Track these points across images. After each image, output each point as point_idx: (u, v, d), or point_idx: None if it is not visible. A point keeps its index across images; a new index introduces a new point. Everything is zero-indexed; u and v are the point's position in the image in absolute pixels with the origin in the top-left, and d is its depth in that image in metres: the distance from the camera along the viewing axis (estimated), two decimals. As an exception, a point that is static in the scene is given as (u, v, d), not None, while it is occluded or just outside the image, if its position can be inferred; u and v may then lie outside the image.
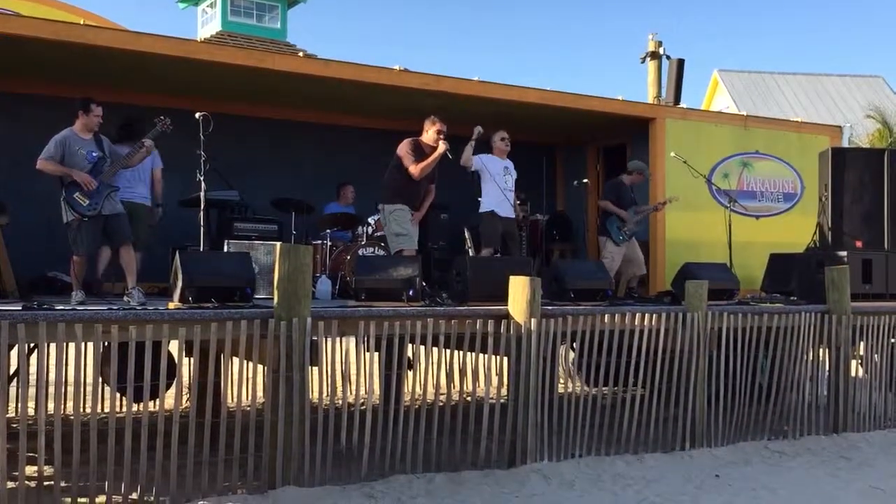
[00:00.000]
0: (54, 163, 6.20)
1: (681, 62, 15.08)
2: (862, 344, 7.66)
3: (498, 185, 7.92)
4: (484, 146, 8.12)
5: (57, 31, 6.87)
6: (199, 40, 18.00)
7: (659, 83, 16.28)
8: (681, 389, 6.62)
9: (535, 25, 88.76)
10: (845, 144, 11.05)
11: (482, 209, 8.05)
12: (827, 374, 7.46)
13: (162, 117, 6.60)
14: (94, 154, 6.31)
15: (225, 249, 7.29)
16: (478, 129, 7.73)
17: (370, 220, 8.65)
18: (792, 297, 7.94)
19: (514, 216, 8.21)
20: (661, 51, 16.41)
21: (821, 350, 7.44)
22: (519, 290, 5.92)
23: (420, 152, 7.40)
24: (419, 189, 7.55)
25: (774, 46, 66.16)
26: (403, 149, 7.43)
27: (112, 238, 6.42)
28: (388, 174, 7.51)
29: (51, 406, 5.12)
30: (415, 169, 7.32)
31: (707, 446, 6.69)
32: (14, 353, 4.98)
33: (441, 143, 7.35)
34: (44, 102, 8.05)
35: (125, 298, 6.12)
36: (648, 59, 16.61)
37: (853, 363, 7.56)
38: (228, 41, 17.77)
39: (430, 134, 7.47)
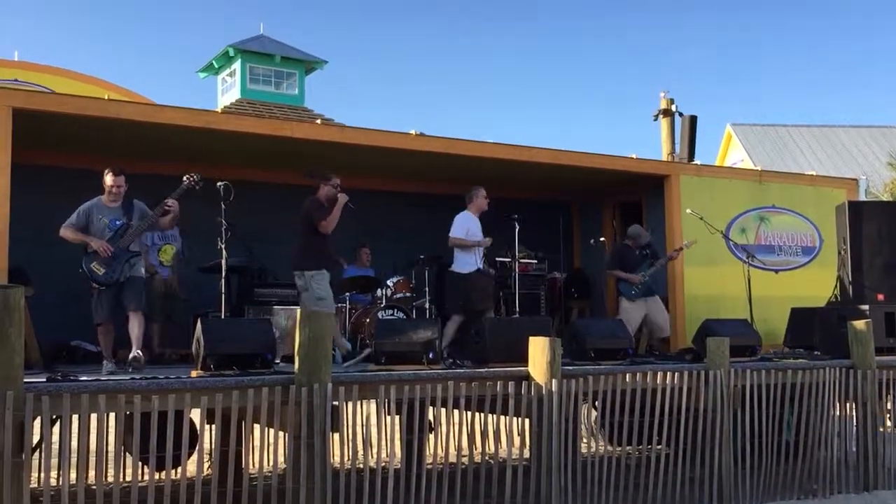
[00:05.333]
0: (73, 230, 6.22)
1: (693, 118, 15.22)
2: (889, 398, 7.54)
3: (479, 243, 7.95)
4: (462, 204, 8.14)
5: (81, 107, 7.06)
6: (219, 109, 18.40)
7: (672, 140, 16.39)
8: (706, 449, 6.53)
9: (550, 83, 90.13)
10: (862, 196, 11.02)
11: (466, 269, 7.92)
12: (855, 430, 7.34)
13: (192, 175, 6.54)
14: (117, 222, 6.29)
15: (245, 315, 7.35)
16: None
17: (388, 282, 8.70)
18: (815, 352, 7.86)
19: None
20: (673, 108, 16.56)
21: (847, 405, 7.33)
22: (539, 350, 5.90)
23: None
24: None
25: (787, 99, 66.61)
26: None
27: (122, 302, 6.26)
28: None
29: (73, 476, 5.12)
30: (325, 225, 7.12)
31: (735, 506, 6.57)
32: (37, 422, 5.00)
33: (340, 195, 7.19)
34: (68, 174, 8.23)
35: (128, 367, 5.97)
36: (661, 116, 16.76)
37: (884, 418, 7.44)
38: (248, 109, 18.14)
39: (325, 189, 7.30)
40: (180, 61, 73.66)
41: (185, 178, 6.52)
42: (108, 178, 6.34)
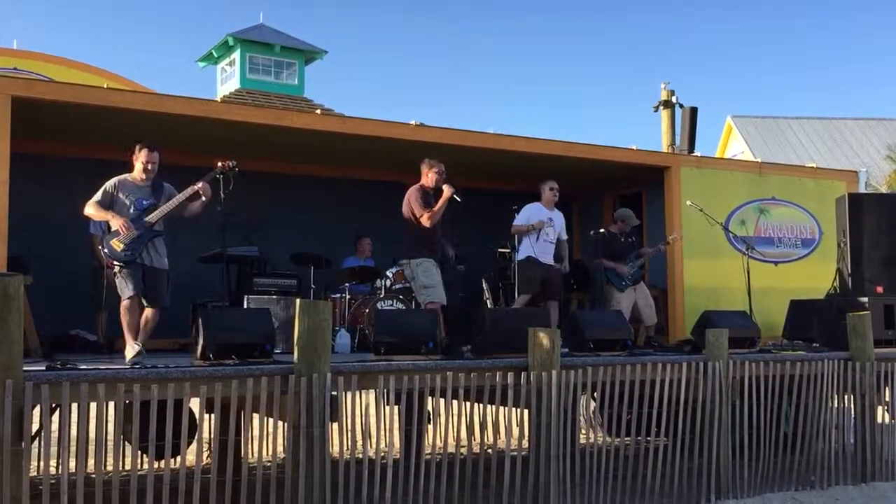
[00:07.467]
0: (98, 207, 5.81)
1: (694, 110, 15.21)
2: (887, 390, 7.56)
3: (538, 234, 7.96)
4: (534, 195, 8.25)
5: (80, 95, 7.03)
6: (218, 98, 18.36)
7: (673, 131, 16.39)
8: (704, 440, 6.54)
9: (551, 77, 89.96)
10: (862, 188, 11.00)
11: (520, 256, 8.03)
12: (853, 421, 7.35)
13: (228, 161, 6.14)
14: (144, 202, 5.85)
15: (245, 305, 7.35)
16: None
17: (388, 272, 8.69)
18: (814, 344, 7.87)
19: (553, 264, 8.16)
20: (673, 99, 16.54)
21: (846, 397, 7.35)
22: (538, 341, 5.91)
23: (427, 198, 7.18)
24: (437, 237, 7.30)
25: (787, 91, 66.51)
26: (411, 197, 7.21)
27: (145, 294, 5.86)
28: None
29: (73, 464, 5.13)
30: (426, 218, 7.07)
31: (733, 498, 6.59)
32: (36, 411, 5.01)
33: (446, 186, 7.13)
34: (67, 164, 8.22)
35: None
36: (661, 107, 16.75)
37: (879, 410, 7.46)
38: (248, 98, 18.10)
39: (430, 177, 7.31)
40: (180, 51, 73.57)
41: (219, 164, 6.12)
42: (143, 154, 5.86)
